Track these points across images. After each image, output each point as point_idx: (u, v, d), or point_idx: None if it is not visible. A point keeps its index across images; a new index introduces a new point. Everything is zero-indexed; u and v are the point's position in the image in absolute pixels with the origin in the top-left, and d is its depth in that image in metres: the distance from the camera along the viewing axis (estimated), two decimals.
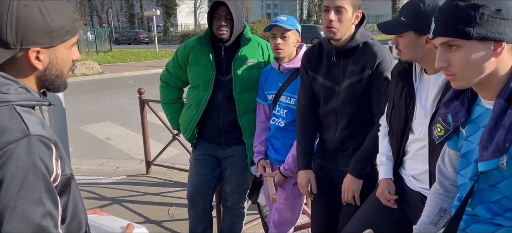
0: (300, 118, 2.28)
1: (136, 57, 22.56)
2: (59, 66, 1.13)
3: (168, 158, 5.56)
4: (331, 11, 2.00)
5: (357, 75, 2.02)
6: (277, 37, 2.31)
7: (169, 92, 2.79)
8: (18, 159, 0.94)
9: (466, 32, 1.15)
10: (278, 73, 2.43)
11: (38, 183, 0.96)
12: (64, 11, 1.11)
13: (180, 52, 2.66)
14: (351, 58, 2.05)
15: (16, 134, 0.96)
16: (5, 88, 1.02)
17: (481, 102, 1.29)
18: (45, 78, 1.12)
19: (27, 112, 1.03)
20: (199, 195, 2.70)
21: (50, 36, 1.07)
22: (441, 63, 1.22)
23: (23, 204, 0.93)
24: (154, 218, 3.78)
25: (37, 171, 0.96)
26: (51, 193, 0.99)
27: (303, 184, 2.23)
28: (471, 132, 1.31)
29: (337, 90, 2.10)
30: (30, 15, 1.04)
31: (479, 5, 1.14)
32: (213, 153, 2.70)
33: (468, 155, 1.32)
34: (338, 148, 2.15)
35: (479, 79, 1.19)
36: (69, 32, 1.12)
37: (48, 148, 1.00)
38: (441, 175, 1.51)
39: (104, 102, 10.51)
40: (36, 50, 1.07)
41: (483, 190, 1.30)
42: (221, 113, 2.57)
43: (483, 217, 1.32)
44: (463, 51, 1.17)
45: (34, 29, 1.04)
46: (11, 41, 1.03)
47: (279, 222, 2.55)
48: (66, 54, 1.14)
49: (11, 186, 0.93)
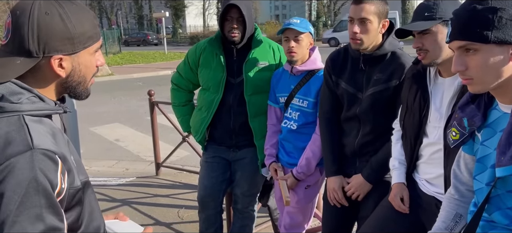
0: (325, 123, 2.23)
1: (145, 59, 22.66)
2: (82, 73, 1.13)
3: (177, 160, 5.57)
4: (355, 22, 1.96)
5: (383, 84, 1.99)
6: (291, 40, 2.30)
7: (180, 94, 2.79)
8: (19, 173, 0.93)
9: (484, 36, 1.13)
10: (291, 75, 2.42)
11: (38, 198, 0.94)
12: (85, 17, 1.10)
13: (191, 54, 2.66)
14: (378, 67, 2.02)
15: (19, 148, 0.95)
16: (16, 98, 1.01)
17: (498, 106, 1.26)
18: (67, 85, 1.12)
19: (37, 122, 1.02)
20: (209, 197, 2.69)
21: (72, 43, 1.07)
22: (458, 67, 1.20)
23: (22, 221, 0.92)
24: (163, 220, 3.78)
25: (39, 186, 0.94)
26: (53, 208, 0.96)
27: (336, 190, 2.18)
28: (487, 137, 1.29)
29: (360, 97, 2.07)
30: (51, 22, 1.03)
31: (498, 8, 1.12)
32: (224, 155, 2.69)
33: (485, 160, 1.30)
34: (357, 153, 2.13)
35: (497, 83, 1.18)
36: (91, 38, 1.12)
37: (53, 162, 0.98)
38: (457, 180, 1.49)
39: (114, 103, 10.57)
40: (59, 58, 1.06)
41: (500, 195, 1.27)
42: (232, 115, 2.57)
43: (500, 223, 1.30)
44: (481, 55, 1.16)
45: (56, 36, 1.04)
46: (34, 49, 1.03)
47: (290, 226, 2.54)
48: (89, 60, 1.13)
49: (11, 201, 0.91)
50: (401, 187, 1.87)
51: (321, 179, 2.49)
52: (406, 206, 1.86)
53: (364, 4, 1.93)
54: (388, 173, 2.04)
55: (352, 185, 2.12)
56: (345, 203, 2.18)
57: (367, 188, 2.09)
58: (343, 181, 2.18)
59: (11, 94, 1.01)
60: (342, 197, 2.17)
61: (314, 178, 2.43)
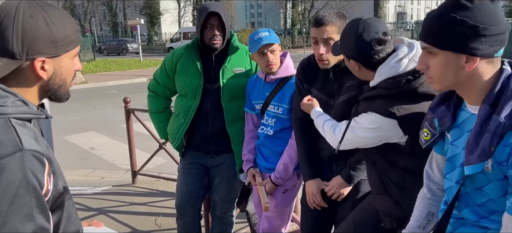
0: (299, 129, 2.27)
1: (120, 66, 22.37)
2: (62, 76, 1.15)
3: (154, 168, 5.52)
4: (320, 43, 1.99)
5: (355, 90, 2.03)
6: (268, 53, 2.32)
7: (157, 101, 2.78)
8: (10, 173, 0.94)
9: (441, 42, 1.21)
10: (265, 83, 2.45)
11: (29, 198, 0.95)
12: (67, 22, 1.12)
13: (168, 61, 2.66)
14: (348, 74, 2.07)
15: (9, 149, 0.96)
16: (2, 101, 1.02)
17: (466, 107, 1.32)
18: (48, 88, 1.14)
19: (22, 125, 1.03)
20: (187, 204, 2.69)
21: (55, 46, 1.09)
22: (421, 66, 1.30)
23: (13, 220, 0.93)
24: (141, 228, 3.74)
25: (29, 186, 0.95)
26: (42, 208, 0.98)
27: (315, 194, 2.20)
28: (456, 137, 1.35)
29: (332, 104, 2.11)
30: (36, 25, 1.05)
31: (458, 19, 1.17)
32: (202, 161, 2.69)
33: (454, 159, 1.36)
34: (334, 157, 2.17)
35: (454, 85, 1.26)
36: (73, 42, 1.14)
37: (41, 163, 1.00)
38: (429, 180, 1.54)
39: (88, 111, 10.39)
40: (42, 60, 1.08)
41: (469, 193, 1.33)
42: (209, 122, 2.58)
43: (469, 220, 1.35)
44: (438, 58, 1.24)
45: (40, 39, 1.06)
46: (17, 51, 1.04)
47: (268, 230, 2.56)
48: (69, 63, 1.16)
49: (2, 201, 0.92)
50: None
51: (299, 183, 2.52)
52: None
53: (325, 26, 1.97)
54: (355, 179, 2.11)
55: (332, 185, 2.14)
56: (324, 205, 2.21)
57: (347, 188, 2.13)
58: (321, 183, 2.21)
59: None
60: (321, 200, 2.20)
61: (292, 182, 2.46)
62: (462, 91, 1.28)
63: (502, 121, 1.16)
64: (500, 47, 1.21)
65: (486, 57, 1.19)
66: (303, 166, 2.27)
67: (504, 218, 1.21)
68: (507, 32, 1.21)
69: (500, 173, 1.21)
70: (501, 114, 1.17)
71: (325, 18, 1.98)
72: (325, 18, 1.98)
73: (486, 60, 1.20)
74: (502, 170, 1.20)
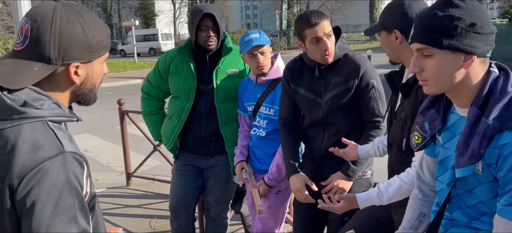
0: (284, 129, 2.29)
1: (115, 68, 22.27)
2: (93, 80, 1.16)
3: (148, 170, 5.50)
4: (324, 38, 2.02)
5: (342, 86, 2.08)
6: (258, 55, 2.33)
7: (150, 103, 2.78)
8: (53, 176, 0.94)
9: (439, 42, 1.19)
10: (256, 84, 2.46)
11: (72, 201, 0.96)
12: (101, 27, 1.13)
13: (161, 62, 2.66)
14: (333, 71, 2.11)
15: (51, 151, 0.96)
16: (39, 103, 1.02)
17: (455, 110, 1.33)
18: (79, 92, 1.14)
19: (58, 128, 1.04)
20: (182, 206, 2.68)
21: (90, 51, 1.09)
22: (415, 68, 1.26)
23: (58, 223, 0.93)
24: (135, 230, 3.73)
25: (72, 188, 0.96)
26: (84, 210, 0.99)
27: (299, 189, 2.19)
28: (447, 139, 1.35)
29: (319, 102, 2.14)
30: (73, 31, 1.05)
31: (455, 17, 1.17)
32: (196, 163, 2.69)
33: (445, 162, 1.36)
34: (325, 156, 2.18)
35: (449, 86, 1.24)
36: (105, 47, 1.14)
37: (81, 165, 1.01)
38: (420, 181, 1.55)
39: (82, 113, 10.30)
40: (76, 65, 1.08)
41: (460, 195, 1.34)
42: (203, 123, 2.58)
43: (460, 222, 1.36)
44: (435, 59, 1.22)
45: (76, 45, 1.06)
46: (54, 57, 1.04)
47: (262, 231, 2.56)
48: (100, 68, 1.17)
49: (47, 204, 0.92)
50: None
51: None
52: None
53: (323, 21, 2.02)
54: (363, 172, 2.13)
55: (335, 181, 2.13)
56: (312, 201, 2.19)
57: (348, 184, 2.14)
58: (305, 178, 2.21)
59: (33, 100, 1.02)
60: (308, 196, 2.18)
61: (285, 183, 2.47)
62: (454, 93, 1.27)
63: (490, 123, 1.17)
64: (491, 47, 1.22)
65: (482, 56, 1.20)
66: (286, 163, 2.27)
67: (495, 219, 1.21)
68: (494, 34, 1.22)
69: (490, 175, 1.21)
70: (490, 116, 1.17)
71: (318, 15, 2.02)
72: (318, 15, 2.02)
73: (479, 60, 1.21)
74: (492, 172, 1.21)
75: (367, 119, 2.13)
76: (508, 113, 1.17)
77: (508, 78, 1.23)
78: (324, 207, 1.84)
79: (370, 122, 2.12)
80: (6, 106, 0.99)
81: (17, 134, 0.97)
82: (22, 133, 0.98)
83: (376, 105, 2.08)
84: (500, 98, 1.19)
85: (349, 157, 2.03)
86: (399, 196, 1.69)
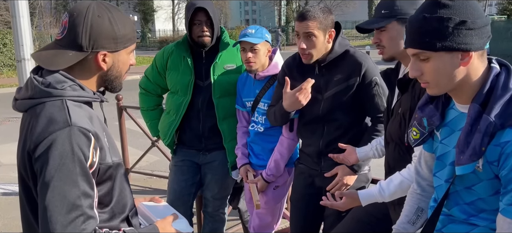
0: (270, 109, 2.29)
1: None
2: (119, 68, 1.34)
3: (147, 165, 5.50)
4: (301, 38, 2.01)
5: (343, 83, 2.07)
6: (247, 51, 2.32)
7: (148, 98, 2.77)
8: (59, 145, 1.13)
9: (433, 44, 1.18)
10: (255, 80, 2.45)
11: (74, 166, 1.13)
12: (127, 22, 1.32)
13: (158, 58, 2.65)
14: (334, 68, 2.09)
15: (59, 125, 1.15)
16: (60, 85, 1.22)
17: (455, 106, 1.32)
18: (106, 78, 1.33)
19: (78, 106, 1.22)
20: (179, 201, 2.68)
21: (115, 42, 1.28)
22: (414, 73, 1.25)
23: (60, 184, 1.11)
24: None
25: (74, 156, 1.13)
26: (86, 176, 1.15)
27: (293, 92, 2.07)
28: (446, 135, 1.35)
29: (320, 98, 2.13)
30: (102, 24, 1.25)
31: (444, 17, 1.16)
32: (193, 159, 2.68)
33: (444, 158, 1.36)
34: (323, 152, 2.18)
35: (451, 86, 1.23)
36: (130, 40, 1.33)
37: (87, 138, 1.17)
38: (418, 176, 1.55)
39: None
40: (103, 53, 1.27)
41: (458, 192, 1.33)
42: (201, 119, 2.57)
43: (458, 218, 1.36)
44: (432, 62, 1.21)
45: (104, 35, 1.26)
46: (85, 45, 1.24)
47: (259, 227, 2.56)
48: (126, 58, 1.35)
49: (52, 167, 1.12)
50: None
51: (289, 180, 2.52)
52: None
53: (307, 21, 1.99)
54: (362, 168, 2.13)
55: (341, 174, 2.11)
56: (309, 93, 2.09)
57: (353, 178, 2.12)
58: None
59: (57, 82, 1.22)
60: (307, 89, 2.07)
61: (283, 179, 2.47)
62: (455, 91, 1.26)
63: (492, 120, 1.16)
64: (487, 39, 1.21)
65: (479, 50, 1.19)
66: (278, 107, 2.19)
67: (499, 219, 1.20)
68: (489, 25, 1.21)
69: (491, 172, 1.21)
70: (491, 113, 1.16)
71: (308, 13, 2.00)
72: (309, 13, 2.00)
73: (477, 54, 1.20)
74: (493, 169, 1.20)
75: (373, 115, 2.13)
76: (510, 110, 1.17)
77: (509, 75, 1.22)
78: (326, 204, 1.84)
79: (375, 118, 2.12)
80: (34, 87, 1.21)
81: (40, 110, 1.19)
82: (44, 109, 1.18)
83: (381, 101, 2.08)
84: (502, 94, 1.18)
85: (348, 162, 2.03)
86: (401, 192, 1.69)
